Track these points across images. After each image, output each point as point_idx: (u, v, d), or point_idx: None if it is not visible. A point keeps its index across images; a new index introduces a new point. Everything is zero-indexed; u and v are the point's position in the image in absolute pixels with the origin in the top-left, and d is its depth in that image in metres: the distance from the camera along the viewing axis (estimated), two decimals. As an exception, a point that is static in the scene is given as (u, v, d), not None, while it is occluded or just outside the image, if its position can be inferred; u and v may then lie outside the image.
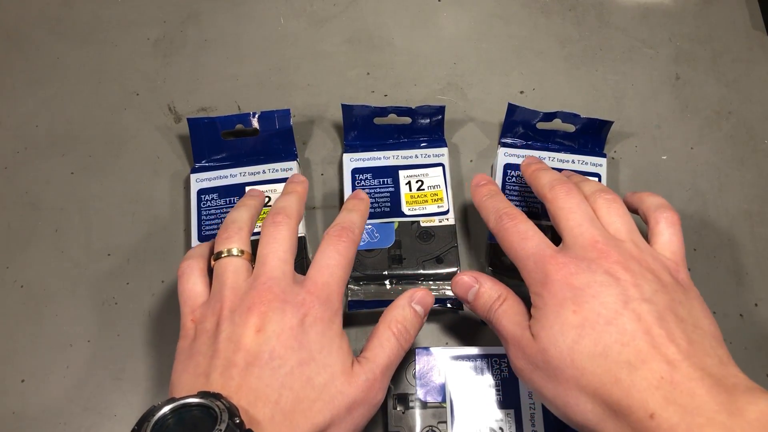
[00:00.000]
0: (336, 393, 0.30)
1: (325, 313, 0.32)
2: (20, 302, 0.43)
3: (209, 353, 0.30)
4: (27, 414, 0.40)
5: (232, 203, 0.43)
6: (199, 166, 0.45)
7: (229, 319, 0.31)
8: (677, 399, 0.26)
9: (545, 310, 0.31)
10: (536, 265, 0.32)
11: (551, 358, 0.29)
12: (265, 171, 0.45)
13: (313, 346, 0.30)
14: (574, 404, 0.29)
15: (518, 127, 0.45)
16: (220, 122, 0.44)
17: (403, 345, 0.34)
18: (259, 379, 0.29)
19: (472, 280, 0.36)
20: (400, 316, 0.34)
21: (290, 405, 0.29)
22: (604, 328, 0.29)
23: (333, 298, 0.32)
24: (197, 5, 0.54)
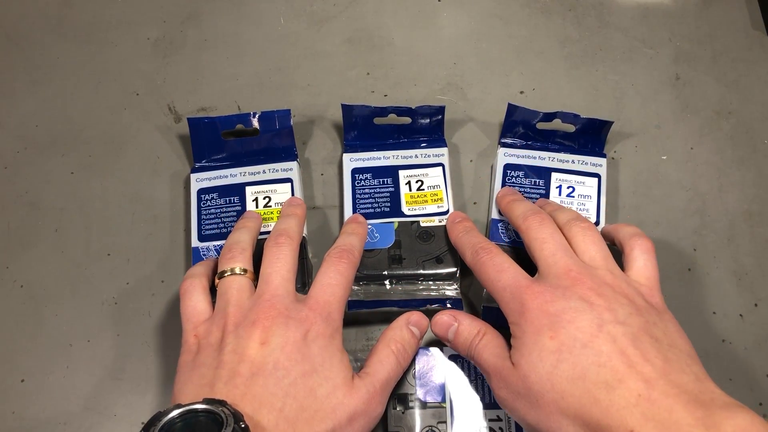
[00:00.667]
0: (338, 404, 0.31)
1: (327, 330, 0.33)
2: (20, 302, 0.43)
3: (214, 364, 0.31)
4: (27, 414, 0.40)
5: (232, 203, 0.43)
6: (199, 165, 0.45)
7: (233, 333, 0.32)
8: (655, 415, 0.27)
9: (524, 339, 0.32)
10: (512, 295, 0.33)
11: (532, 384, 0.30)
12: (265, 171, 0.45)
13: (315, 359, 0.31)
14: (557, 428, 0.29)
15: (518, 127, 0.45)
16: (220, 122, 0.44)
17: (401, 363, 0.35)
18: (263, 388, 0.30)
19: (450, 319, 0.37)
20: (399, 336, 0.36)
21: (294, 413, 0.29)
22: (581, 351, 0.30)
23: (334, 315, 0.34)
24: (197, 5, 0.54)
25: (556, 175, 0.44)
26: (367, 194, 0.44)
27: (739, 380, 0.40)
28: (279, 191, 0.44)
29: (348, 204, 0.43)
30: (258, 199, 0.43)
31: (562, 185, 0.44)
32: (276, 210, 0.43)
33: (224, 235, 0.42)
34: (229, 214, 0.43)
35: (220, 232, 0.42)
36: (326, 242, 0.45)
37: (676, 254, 0.44)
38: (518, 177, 0.44)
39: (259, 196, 0.43)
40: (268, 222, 0.43)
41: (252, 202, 0.43)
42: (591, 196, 0.44)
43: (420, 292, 0.41)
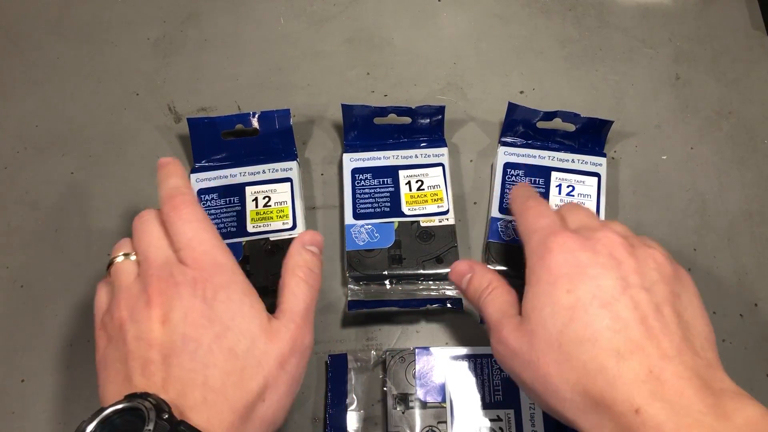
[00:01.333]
0: (261, 355, 0.29)
1: (222, 278, 0.31)
2: (20, 302, 0.43)
3: (122, 358, 0.30)
4: (27, 414, 0.40)
5: (232, 203, 0.43)
6: (199, 166, 0.45)
7: (129, 318, 0.30)
8: (665, 396, 0.25)
9: (537, 289, 0.29)
10: (540, 238, 0.31)
11: (538, 340, 0.28)
12: (265, 171, 0.45)
13: (223, 316, 0.29)
14: (554, 392, 0.28)
15: (518, 126, 0.45)
16: (220, 122, 0.44)
17: (313, 285, 0.33)
18: (180, 368, 0.28)
19: (466, 268, 0.35)
20: (300, 260, 0.34)
21: (219, 381, 0.28)
22: (597, 311, 0.27)
23: (221, 260, 0.31)
24: (197, 5, 0.54)
25: (555, 174, 0.44)
26: (367, 194, 0.44)
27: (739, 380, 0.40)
28: (279, 191, 0.44)
29: (348, 204, 0.43)
30: (258, 199, 0.43)
31: (561, 184, 0.44)
32: (275, 210, 0.43)
33: (224, 235, 0.42)
34: (229, 215, 0.43)
35: (220, 233, 0.42)
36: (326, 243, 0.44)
37: (676, 254, 0.44)
38: (518, 176, 0.44)
39: (259, 196, 0.43)
40: (268, 222, 0.43)
41: (252, 201, 0.43)
42: (591, 195, 0.44)
43: (420, 292, 0.41)
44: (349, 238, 0.42)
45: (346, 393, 0.39)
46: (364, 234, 0.42)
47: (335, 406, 0.39)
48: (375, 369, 0.40)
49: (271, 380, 0.29)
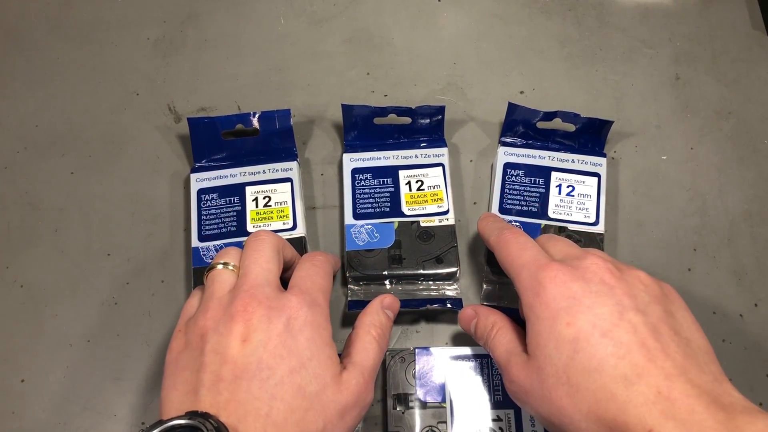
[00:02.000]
0: (328, 402, 0.30)
1: (313, 317, 0.31)
2: (20, 302, 0.43)
3: (196, 367, 0.30)
4: (27, 414, 0.40)
5: (232, 203, 0.43)
6: (199, 165, 0.45)
7: (213, 330, 0.30)
8: (676, 415, 0.25)
9: (539, 327, 0.30)
10: (530, 273, 0.32)
11: (547, 376, 0.29)
12: (265, 171, 0.45)
13: (303, 353, 0.30)
14: (570, 423, 0.28)
15: (518, 126, 0.45)
16: (220, 122, 0.44)
17: (382, 347, 0.35)
18: (248, 393, 0.28)
19: (471, 313, 0.37)
20: (377, 320, 0.35)
21: (282, 417, 0.28)
22: (600, 341, 0.28)
23: (319, 301, 0.32)
24: (197, 5, 0.54)
25: (556, 174, 0.44)
26: (367, 194, 0.44)
27: (739, 380, 0.40)
28: (279, 191, 0.44)
29: (348, 204, 0.43)
30: (258, 199, 0.43)
31: (561, 184, 0.44)
32: (276, 210, 0.43)
33: (224, 235, 0.42)
34: (229, 214, 0.43)
35: (220, 232, 0.42)
36: (326, 243, 0.45)
37: (676, 254, 0.44)
38: (518, 176, 0.44)
39: (259, 196, 0.43)
40: (268, 222, 0.43)
41: (252, 201, 0.43)
42: (591, 195, 0.44)
43: (420, 292, 0.41)
44: (349, 238, 0.42)
45: None
46: (364, 234, 0.42)
47: None
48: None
49: (329, 427, 0.29)
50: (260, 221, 0.43)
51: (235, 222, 0.43)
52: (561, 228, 0.42)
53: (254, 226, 0.42)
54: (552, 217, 0.43)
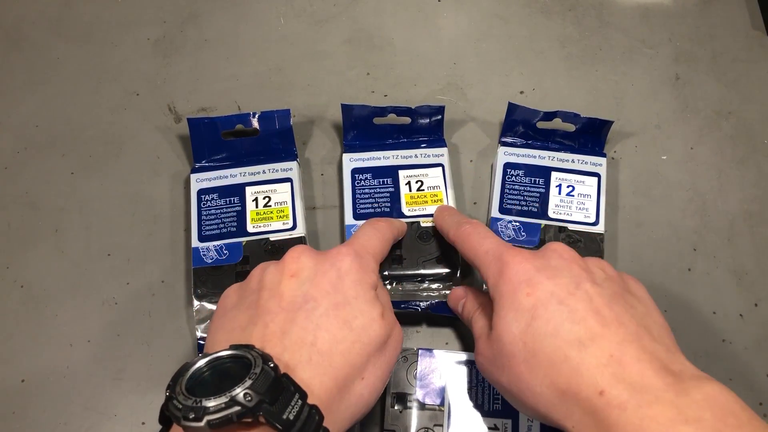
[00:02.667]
0: (374, 335, 0.30)
1: (360, 265, 0.32)
2: (20, 302, 0.43)
3: (246, 305, 0.31)
4: (27, 414, 0.40)
5: (232, 203, 0.43)
6: (199, 166, 0.45)
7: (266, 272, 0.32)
8: (626, 377, 0.26)
9: (501, 301, 0.31)
10: (494, 257, 0.33)
11: (504, 344, 0.30)
12: (265, 171, 0.45)
13: (348, 292, 0.31)
14: (527, 389, 0.29)
15: (518, 126, 0.45)
16: (220, 122, 0.44)
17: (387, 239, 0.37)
18: (293, 323, 0.29)
19: (462, 293, 0.38)
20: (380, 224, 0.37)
21: (327, 345, 0.29)
22: (556, 307, 0.29)
23: (366, 258, 0.33)
24: (197, 5, 0.54)
25: (556, 174, 0.44)
26: (367, 194, 0.44)
27: (739, 380, 0.40)
28: (279, 191, 0.44)
29: (348, 204, 0.43)
30: (258, 199, 0.43)
31: (561, 184, 0.44)
32: (275, 210, 0.43)
33: (224, 235, 0.42)
34: (229, 215, 0.43)
35: (220, 233, 0.42)
36: (326, 242, 0.45)
37: (676, 254, 0.44)
38: (518, 176, 0.44)
39: (259, 196, 0.43)
40: (268, 222, 0.43)
41: (252, 202, 0.43)
42: (591, 195, 0.44)
43: (420, 292, 0.41)
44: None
45: None
46: (364, 234, 0.42)
47: None
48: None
49: (373, 361, 0.30)
50: (260, 221, 0.43)
51: (235, 222, 0.43)
52: (561, 228, 0.42)
53: (254, 226, 0.42)
54: (552, 217, 0.43)
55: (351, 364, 0.29)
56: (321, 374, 0.28)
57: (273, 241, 0.42)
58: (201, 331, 0.40)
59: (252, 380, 0.25)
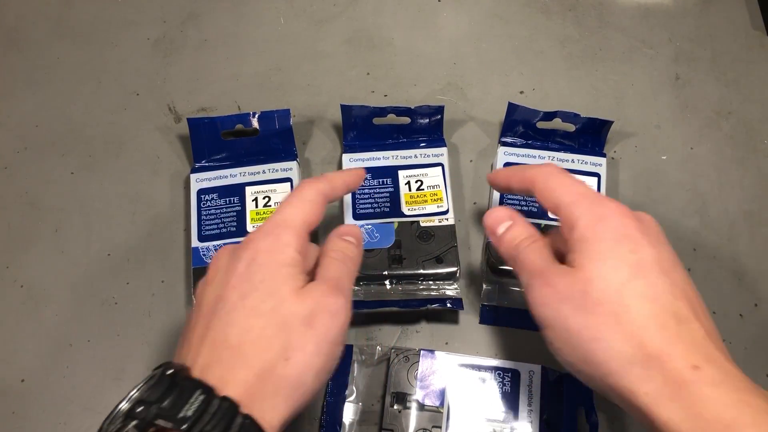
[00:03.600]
0: (288, 314, 0.29)
1: (267, 243, 0.31)
2: (20, 302, 0.43)
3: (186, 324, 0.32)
4: (27, 414, 0.40)
5: (232, 203, 0.43)
6: (199, 166, 0.45)
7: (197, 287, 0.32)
8: (716, 360, 0.27)
9: (597, 245, 0.30)
10: (593, 202, 0.31)
11: (594, 289, 0.29)
12: (265, 171, 0.45)
13: (254, 278, 0.30)
14: (604, 340, 0.28)
15: (518, 126, 0.45)
16: (220, 122, 0.44)
17: (347, 264, 0.33)
18: (207, 329, 0.29)
19: (506, 216, 0.35)
20: (334, 246, 0.34)
21: (237, 339, 0.28)
22: (659, 276, 0.29)
23: (279, 231, 0.31)
24: (197, 5, 0.54)
25: (555, 175, 0.44)
26: (367, 194, 0.44)
27: (739, 380, 0.40)
28: (278, 191, 0.44)
29: (348, 204, 0.43)
30: (258, 199, 0.43)
31: (561, 185, 0.44)
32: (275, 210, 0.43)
33: (224, 235, 0.42)
34: (228, 215, 0.43)
35: (220, 232, 0.42)
36: (326, 242, 0.45)
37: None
38: (518, 177, 0.44)
39: (259, 196, 0.43)
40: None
41: (252, 201, 0.43)
42: (591, 196, 0.44)
43: (420, 291, 0.41)
44: (348, 238, 0.42)
45: (347, 384, 0.39)
46: (364, 234, 0.42)
47: (334, 396, 0.39)
48: (378, 365, 0.40)
49: (296, 339, 0.29)
50: (260, 221, 0.43)
51: (235, 222, 0.43)
52: (561, 228, 0.42)
53: (254, 226, 0.42)
54: (552, 217, 0.43)
55: (264, 349, 0.28)
56: (233, 368, 0.27)
57: None
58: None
59: (139, 390, 0.25)
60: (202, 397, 0.25)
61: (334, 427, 0.38)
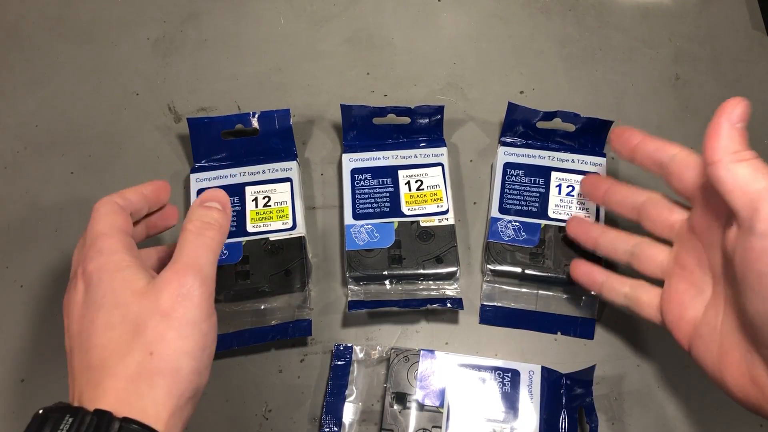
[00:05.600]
0: (137, 315, 0.29)
1: (96, 263, 0.31)
2: (20, 302, 0.43)
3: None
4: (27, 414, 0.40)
5: (232, 203, 0.43)
6: (199, 165, 0.45)
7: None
8: None
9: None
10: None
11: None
12: (264, 171, 0.45)
13: (95, 297, 0.30)
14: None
15: (518, 126, 0.45)
16: (220, 122, 0.44)
17: (205, 234, 0.32)
18: (77, 363, 0.30)
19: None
20: (193, 216, 0.33)
21: (97, 358, 0.28)
22: None
23: (101, 246, 0.31)
24: (197, 5, 0.54)
25: (555, 174, 0.44)
26: (367, 194, 0.44)
27: (739, 380, 0.40)
28: (279, 191, 0.44)
29: (348, 204, 0.43)
30: (258, 199, 0.43)
31: (561, 184, 0.44)
32: (275, 210, 0.43)
33: None
34: None
35: None
36: (326, 242, 0.45)
37: (676, 254, 0.44)
38: (518, 176, 0.44)
39: (259, 196, 0.43)
40: (268, 222, 0.43)
41: (252, 201, 0.43)
42: (591, 195, 0.44)
43: (420, 291, 0.41)
44: (349, 238, 0.42)
45: (347, 384, 0.39)
46: (364, 234, 0.42)
47: (334, 395, 0.39)
48: (378, 365, 0.40)
49: (153, 333, 0.28)
50: (260, 221, 0.43)
51: (235, 222, 0.43)
52: (561, 228, 0.42)
53: (254, 226, 0.42)
54: (552, 217, 0.43)
55: (125, 355, 0.28)
56: (100, 383, 0.28)
57: (273, 241, 0.42)
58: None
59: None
60: (71, 420, 0.26)
61: (334, 427, 0.38)
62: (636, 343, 0.41)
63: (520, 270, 0.41)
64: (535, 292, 0.42)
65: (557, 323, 0.42)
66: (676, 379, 0.40)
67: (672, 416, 0.40)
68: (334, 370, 0.40)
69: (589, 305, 0.42)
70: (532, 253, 0.42)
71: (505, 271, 0.42)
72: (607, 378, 0.40)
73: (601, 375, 0.40)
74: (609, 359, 0.41)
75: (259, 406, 0.40)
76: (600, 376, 0.40)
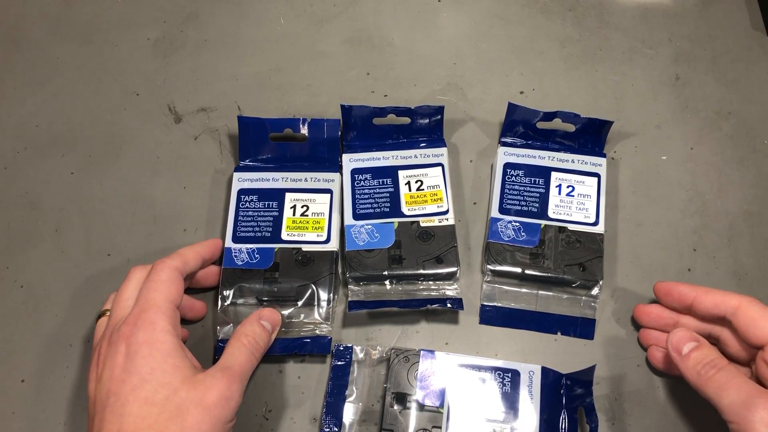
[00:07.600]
0: (182, 402, 0.31)
1: (146, 335, 0.33)
2: (20, 302, 0.43)
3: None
4: (27, 414, 0.40)
5: (271, 207, 0.43)
6: (243, 164, 0.45)
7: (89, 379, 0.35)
8: None
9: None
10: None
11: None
12: (307, 179, 0.44)
13: (142, 370, 0.32)
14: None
15: (518, 126, 0.45)
16: (270, 124, 0.44)
17: (254, 353, 0.36)
18: (104, 421, 0.31)
19: (690, 337, 0.36)
20: (249, 330, 0.37)
21: (132, 427, 0.30)
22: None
23: (154, 319, 0.33)
24: (197, 5, 0.54)
25: (555, 175, 0.44)
26: (367, 194, 0.44)
27: (739, 380, 0.40)
28: (318, 201, 0.43)
29: (348, 204, 0.43)
30: (296, 207, 0.43)
31: (561, 184, 0.44)
32: (311, 220, 0.43)
33: (258, 239, 0.42)
34: (265, 219, 0.43)
35: (254, 236, 0.42)
36: (326, 242, 0.45)
37: (676, 254, 0.44)
38: (518, 176, 0.44)
39: (297, 204, 0.43)
40: (303, 231, 0.42)
41: (290, 209, 0.43)
42: (591, 195, 0.44)
43: (420, 292, 0.41)
44: (349, 238, 0.42)
45: (347, 384, 0.39)
46: (364, 234, 0.42)
47: (334, 395, 0.39)
48: (378, 365, 0.40)
49: (191, 420, 0.31)
50: (295, 230, 0.42)
51: (270, 227, 0.42)
52: (561, 228, 0.42)
53: (288, 234, 0.42)
54: (552, 217, 0.43)
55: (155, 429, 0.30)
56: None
57: (305, 251, 0.42)
58: (223, 334, 0.41)
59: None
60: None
61: (334, 428, 0.38)
62: (636, 343, 0.41)
63: (520, 270, 0.41)
64: (535, 292, 0.42)
65: (557, 323, 0.42)
66: (676, 379, 0.40)
67: (672, 416, 0.40)
68: (335, 370, 0.40)
69: (589, 305, 0.42)
70: (532, 253, 0.42)
71: (505, 272, 0.42)
72: (607, 378, 0.40)
73: (601, 375, 0.40)
74: (609, 359, 0.41)
75: (259, 406, 0.40)
76: (600, 376, 0.40)
